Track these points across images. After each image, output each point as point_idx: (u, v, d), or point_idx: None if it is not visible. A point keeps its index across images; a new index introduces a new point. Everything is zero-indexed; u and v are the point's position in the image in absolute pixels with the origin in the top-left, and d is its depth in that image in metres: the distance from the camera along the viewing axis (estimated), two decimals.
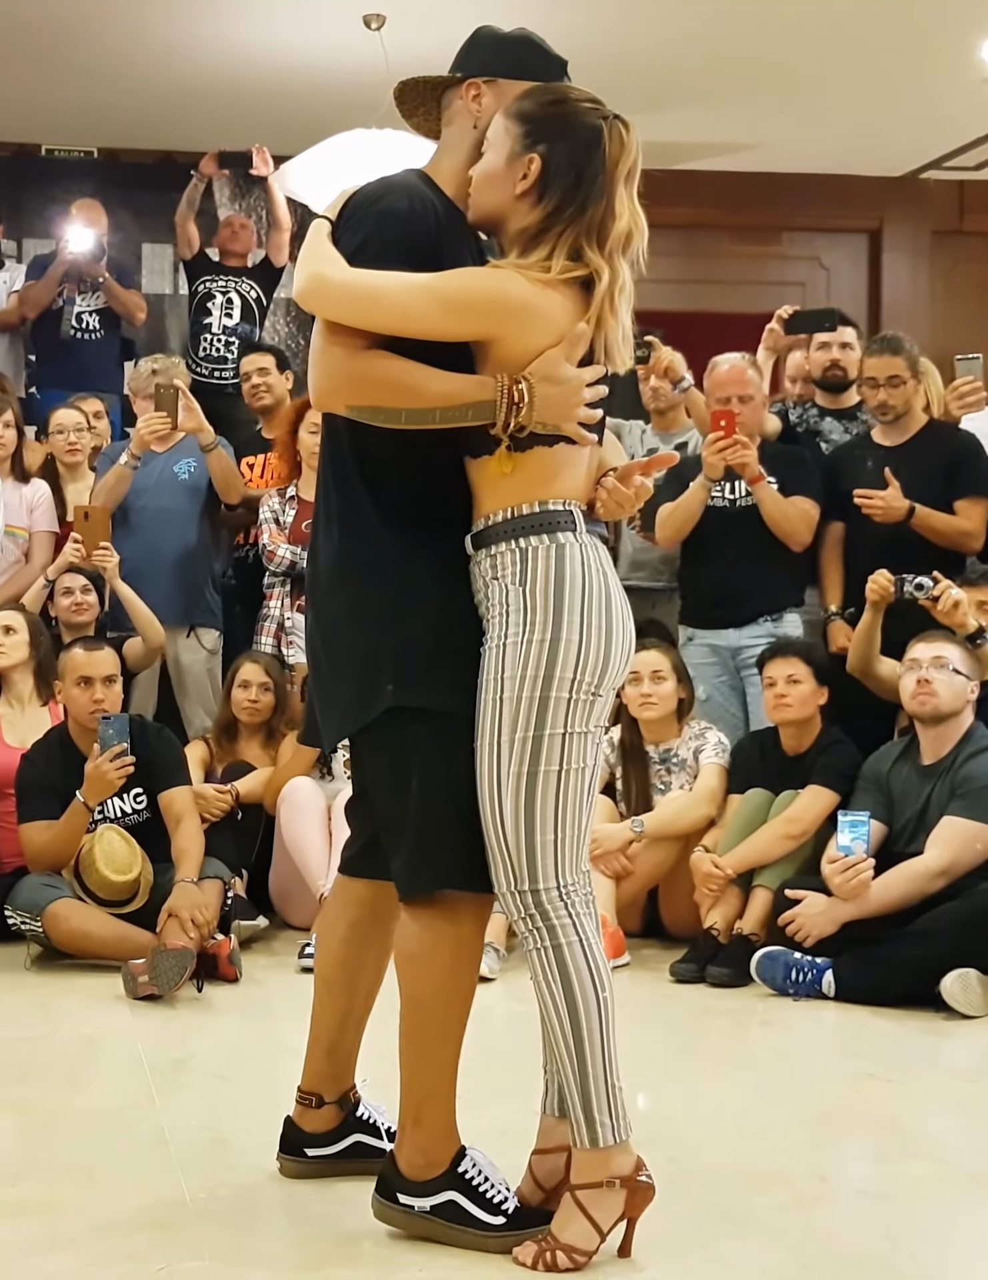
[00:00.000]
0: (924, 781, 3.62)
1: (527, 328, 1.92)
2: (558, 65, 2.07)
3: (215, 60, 5.74)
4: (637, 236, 1.98)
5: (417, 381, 1.91)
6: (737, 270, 7.13)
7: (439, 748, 1.96)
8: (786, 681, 3.88)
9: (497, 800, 1.93)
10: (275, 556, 4.51)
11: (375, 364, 1.91)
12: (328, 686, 2.05)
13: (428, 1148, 2.02)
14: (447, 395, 1.91)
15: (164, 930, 3.46)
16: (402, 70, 2.23)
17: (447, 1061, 2.02)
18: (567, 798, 1.93)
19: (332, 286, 1.94)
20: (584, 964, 1.93)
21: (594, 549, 1.97)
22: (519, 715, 1.92)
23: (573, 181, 1.94)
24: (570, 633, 1.92)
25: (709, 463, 4.13)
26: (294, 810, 4.03)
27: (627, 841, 3.91)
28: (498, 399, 1.90)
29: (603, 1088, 1.94)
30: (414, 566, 1.98)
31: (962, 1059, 3.11)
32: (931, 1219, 2.17)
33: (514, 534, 1.95)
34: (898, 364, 4.17)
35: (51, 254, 5.82)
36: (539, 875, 1.93)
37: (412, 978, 2.02)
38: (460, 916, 1.99)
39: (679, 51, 5.60)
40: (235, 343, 5.67)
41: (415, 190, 1.99)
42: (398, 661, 1.96)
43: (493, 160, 1.98)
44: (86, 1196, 2.17)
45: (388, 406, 1.92)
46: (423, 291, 1.90)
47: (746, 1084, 2.82)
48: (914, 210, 7.26)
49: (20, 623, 4.20)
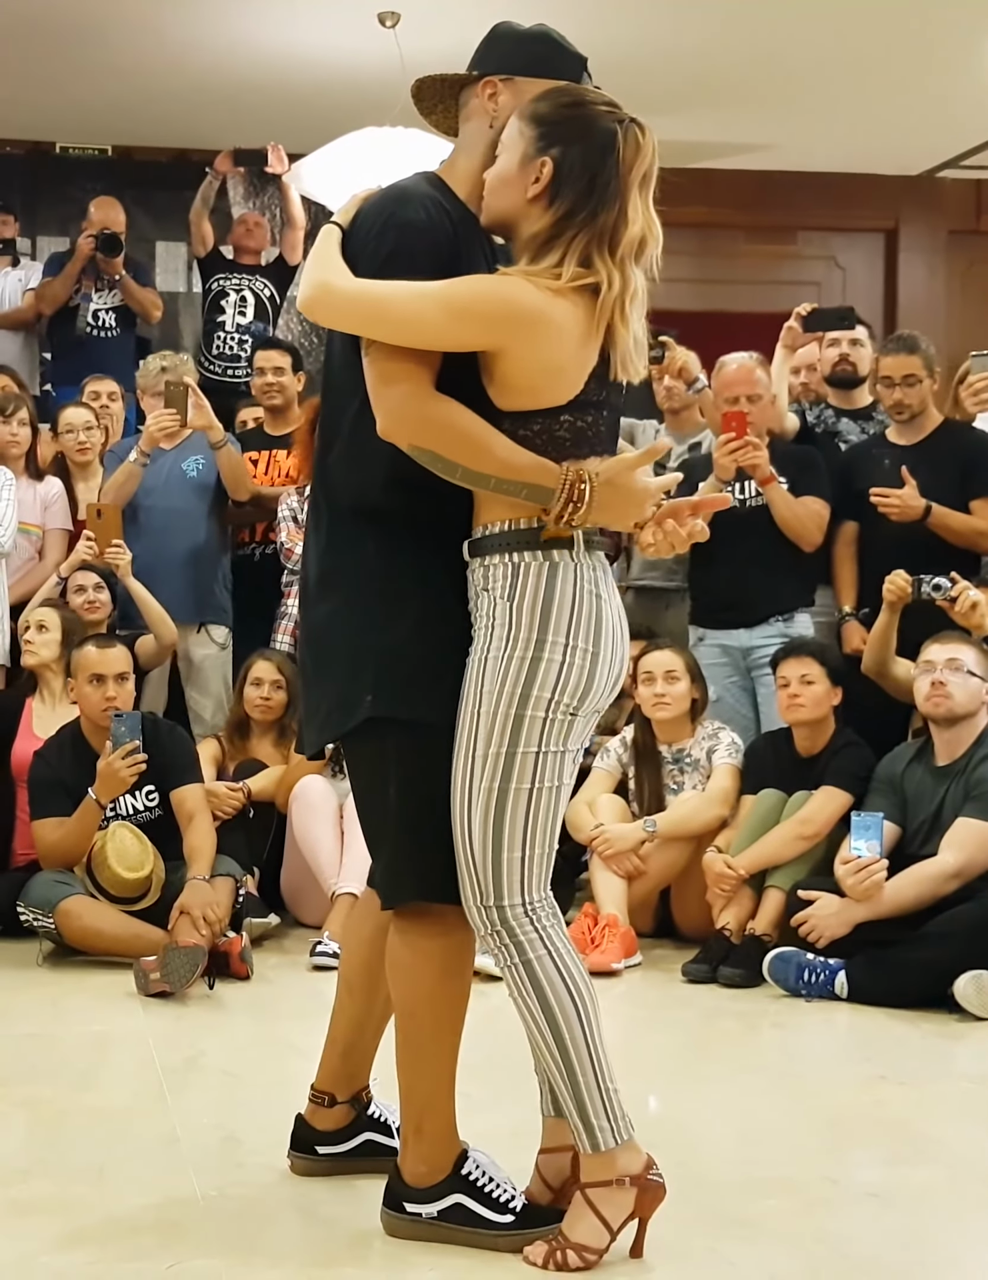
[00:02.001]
0: (938, 783, 3.60)
1: (536, 337, 1.88)
2: (576, 62, 2.04)
3: (230, 58, 5.74)
4: (650, 243, 1.94)
5: (484, 444, 1.88)
6: (752, 270, 7.11)
7: (418, 758, 1.95)
8: (799, 682, 3.87)
9: (466, 815, 1.92)
10: (293, 554, 4.51)
11: (449, 413, 1.89)
12: (311, 692, 2.05)
13: (430, 1155, 2.02)
14: (509, 467, 1.88)
15: (176, 928, 3.46)
16: (417, 68, 2.22)
17: (442, 1070, 2.02)
18: (537, 816, 1.92)
19: (338, 296, 1.92)
20: (556, 975, 1.92)
21: (590, 569, 1.94)
22: (494, 731, 1.90)
23: (586, 186, 1.90)
24: (553, 652, 1.90)
25: (720, 464, 4.12)
26: (306, 809, 4.03)
27: (639, 841, 3.90)
28: (558, 491, 1.88)
29: (597, 1093, 1.93)
30: (399, 576, 1.96)
31: (975, 1063, 3.09)
32: (942, 1224, 2.16)
33: (509, 547, 1.93)
34: (914, 363, 4.15)
35: (68, 251, 5.84)
36: (505, 891, 1.92)
37: (400, 988, 2.02)
38: (448, 927, 1.98)
39: (696, 52, 5.59)
40: (249, 340, 5.67)
41: (428, 199, 1.97)
42: (379, 671, 1.94)
43: (506, 163, 1.95)
44: (97, 1194, 2.17)
45: (448, 458, 1.89)
46: (430, 300, 1.87)
47: (756, 1087, 2.81)
48: (930, 210, 7.24)
49: (54, 620, 4.23)
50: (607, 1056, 1.95)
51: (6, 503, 4.37)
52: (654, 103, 5.97)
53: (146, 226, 6.48)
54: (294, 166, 5.76)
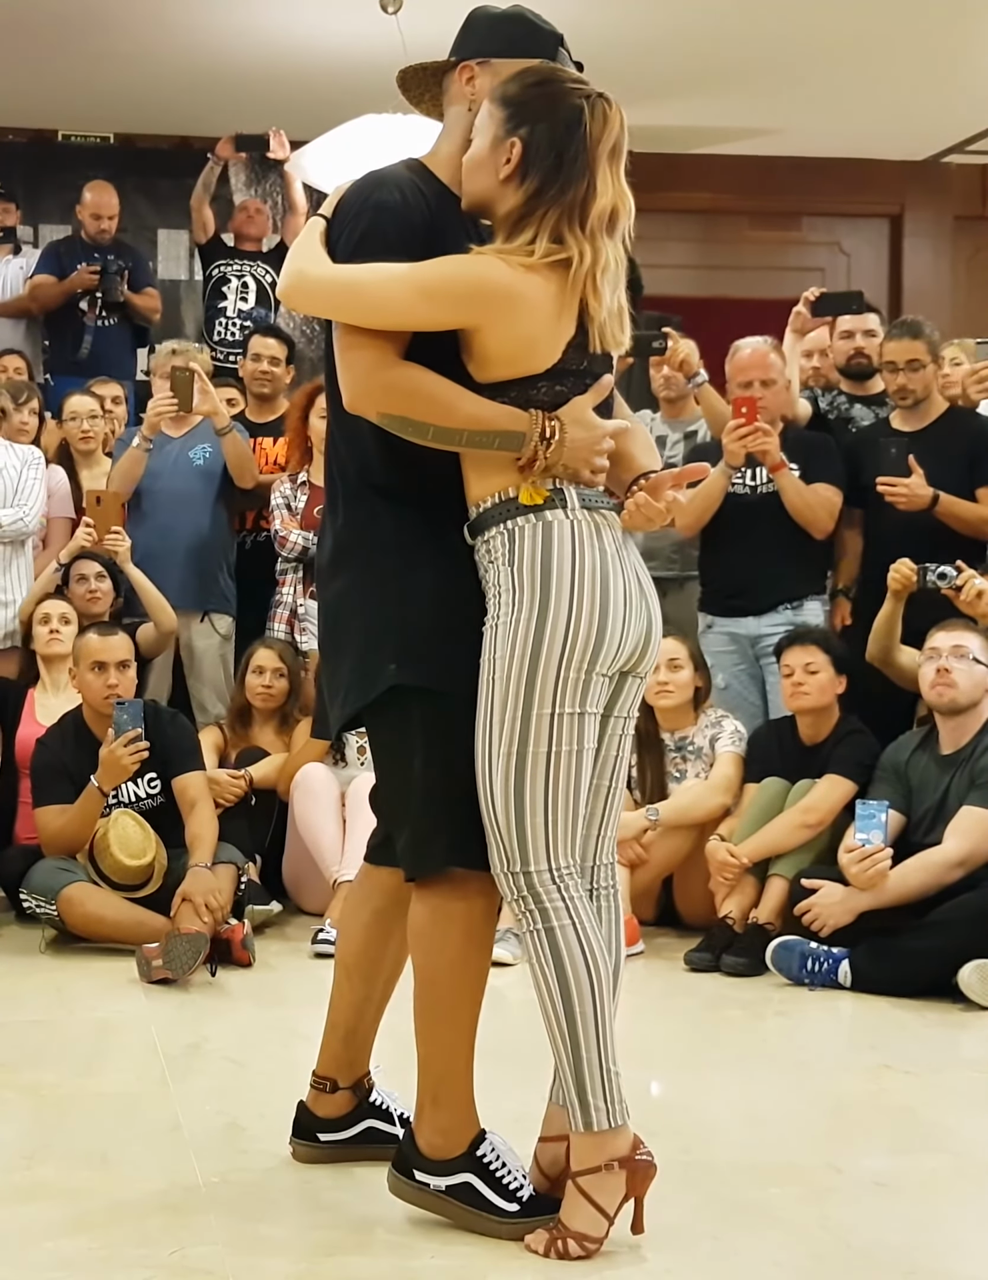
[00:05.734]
0: (943, 771, 3.59)
1: (509, 314, 1.90)
2: (551, 40, 2.04)
3: (232, 45, 5.72)
4: (622, 214, 1.96)
5: (449, 400, 1.91)
6: (756, 256, 7.08)
7: (441, 726, 1.95)
8: (803, 670, 3.86)
9: (488, 781, 1.93)
10: (288, 542, 4.50)
11: (411, 376, 1.91)
12: (333, 668, 2.06)
13: (447, 1128, 2.02)
14: (477, 419, 1.91)
15: (178, 915, 3.47)
16: (419, 53, 2.21)
17: (461, 1040, 2.02)
18: (558, 780, 1.92)
19: (311, 282, 1.95)
20: (577, 948, 1.92)
21: (591, 524, 1.94)
22: (508, 695, 1.91)
23: (554, 163, 1.92)
24: (558, 610, 1.90)
25: (731, 450, 4.10)
26: (307, 796, 4.03)
27: (642, 830, 3.89)
28: (530, 433, 1.90)
29: (597, 1071, 1.93)
30: (416, 548, 1.98)
31: (979, 1051, 3.09)
32: (946, 1212, 2.16)
33: (502, 517, 1.95)
34: (918, 348, 4.13)
35: (65, 240, 5.82)
36: (530, 857, 1.92)
37: (422, 956, 2.01)
38: (469, 894, 1.98)
39: (700, 37, 5.56)
40: (250, 327, 5.65)
41: (405, 182, 1.99)
42: (401, 641, 1.95)
43: (479, 145, 1.97)
44: (100, 1180, 2.17)
45: (417, 420, 1.91)
46: (403, 282, 1.90)
47: (760, 1075, 2.80)
48: (936, 195, 7.21)
49: (74, 614, 4.27)
50: (613, 1038, 1.94)
51: (35, 481, 4.38)
52: (658, 88, 6.00)
53: (148, 214, 6.46)
54: (295, 154, 5.73)
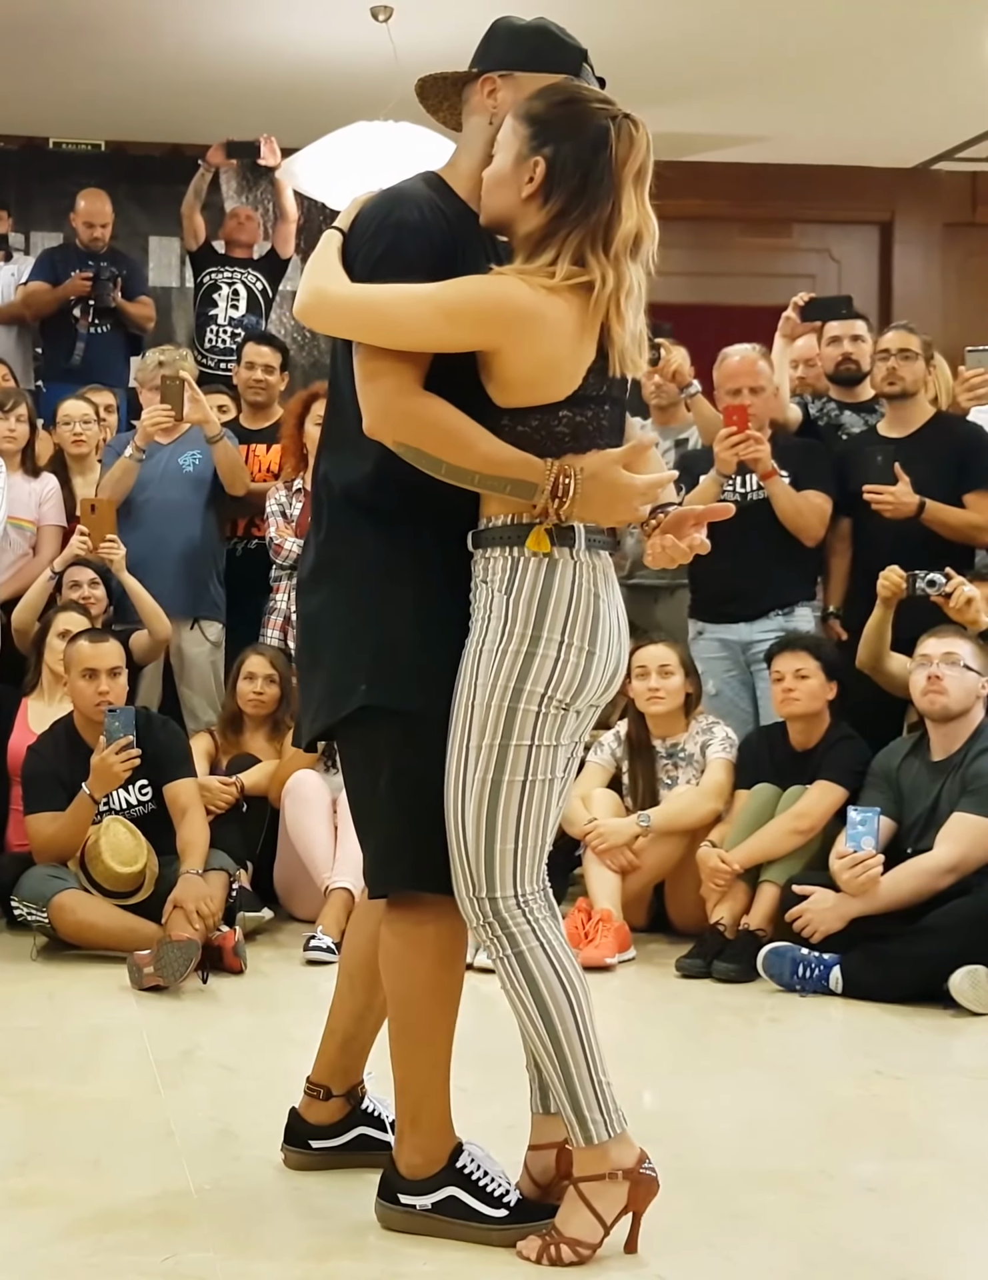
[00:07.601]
0: (934, 778, 3.60)
1: (530, 336, 1.88)
2: (576, 54, 2.03)
3: (223, 53, 5.72)
4: (646, 238, 1.94)
5: (468, 439, 1.89)
6: (747, 262, 7.10)
7: (409, 748, 1.95)
8: (793, 676, 3.87)
9: (460, 806, 1.93)
10: (282, 550, 4.50)
11: (431, 409, 1.89)
12: (308, 681, 2.06)
13: (425, 1147, 2.02)
14: (492, 462, 1.89)
15: (169, 922, 3.46)
16: (410, 62, 2.23)
17: (437, 1061, 2.02)
18: (530, 809, 1.93)
19: (331, 301, 1.93)
20: (549, 967, 1.93)
21: (590, 569, 1.94)
22: (488, 723, 1.91)
23: (578, 184, 1.90)
24: (547, 648, 1.91)
25: (722, 458, 4.11)
26: (299, 803, 4.03)
27: (633, 836, 3.90)
28: (542, 486, 1.88)
29: (589, 1086, 1.93)
30: (395, 566, 1.97)
31: (971, 1057, 3.09)
32: (939, 1217, 2.16)
33: (510, 541, 1.93)
34: (913, 340, 4.16)
35: (60, 247, 5.82)
36: (497, 883, 1.92)
37: (394, 979, 2.02)
38: (438, 914, 1.98)
39: (690, 43, 5.58)
40: (241, 334, 5.65)
41: (424, 199, 1.97)
42: (373, 660, 1.95)
43: (501, 162, 1.95)
44: (92, 1187, 2.17)
45: (431, 454, 1.89)
46: (424, 303, 1.88)
47: (753, 1081, 2.81)
48: (926, 202, 7.23)
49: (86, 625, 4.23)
50: (600, 1049, 1.95)
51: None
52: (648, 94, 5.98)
53: (140, 221, 6.45)
54: (287, 162, 5.74)
